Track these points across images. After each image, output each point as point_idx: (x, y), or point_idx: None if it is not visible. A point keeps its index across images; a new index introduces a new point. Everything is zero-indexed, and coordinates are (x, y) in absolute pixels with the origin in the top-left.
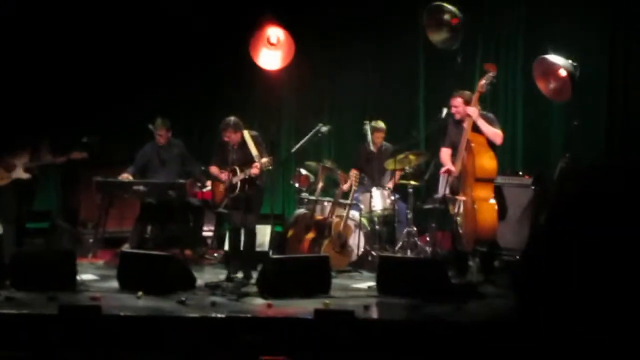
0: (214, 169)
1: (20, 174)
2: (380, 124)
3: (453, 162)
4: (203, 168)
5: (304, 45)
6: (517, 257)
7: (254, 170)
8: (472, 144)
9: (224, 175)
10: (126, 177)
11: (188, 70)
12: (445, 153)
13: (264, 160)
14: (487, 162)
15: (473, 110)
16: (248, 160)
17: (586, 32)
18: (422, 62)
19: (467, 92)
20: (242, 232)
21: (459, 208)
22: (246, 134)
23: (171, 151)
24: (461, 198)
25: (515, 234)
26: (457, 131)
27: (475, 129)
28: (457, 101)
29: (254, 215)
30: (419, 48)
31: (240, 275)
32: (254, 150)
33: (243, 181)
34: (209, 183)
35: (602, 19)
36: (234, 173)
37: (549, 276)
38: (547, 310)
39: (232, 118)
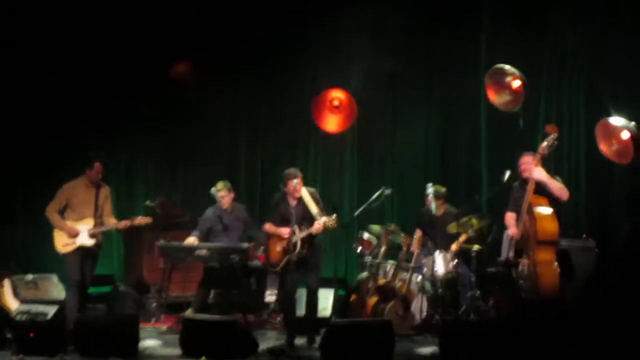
0: (269, 227)
1: (84, 240)
2: (441, 189)
3: (517, 226)
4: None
5: (366, 107)
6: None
7: (317, 227)
8: (534, 207)
9: (285, 231)
10: (193, 241)
11: (247, 134)
12: (510, 218)
13: (329, 219)
14: (549, 225)
15: (539, 172)
16: (306, 218)
17: None
18: (484, 125)
19: (534, 153)
20: (305, 294)
21: (522, 271)
22: (304, 191)
23: (234, 215)
24: (524, 261)
25: (578, 295)
26: (521, 194)
27: (538, 191)
28: (527, 159)
29: (317, 276)
30: (480, 110)
31: (301, 340)
32: (313, 208)
33: (303, 240)
34: None
35: None
36: (293, 232)
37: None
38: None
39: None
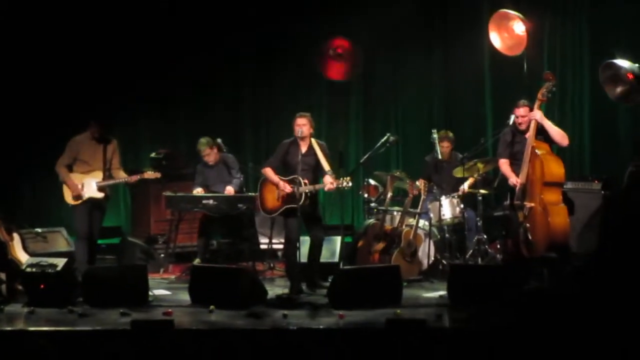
0: (270, 172)
1: (93, 192)
2: (449, 133)
3: (514, 172)
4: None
5: (370, 54)
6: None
7: (329, 187)
8: (538, 150)
9: (285, 186)
10: (200, 191)
11: (251, 83)
12: (505, 164)
13: (344, 180)
14: (555, 166)
15: (539, 113)
16: (311, 170)
17: None
18: (488, 69)
19: (528, 103)
20: (308, 243)
21: (527, 215)
22: (314, 142)
23: (223, 164)
24: (530, 205)
25: (583, 239)
26: (518, 141)
27: (538, 136)
28: (525, 110)
29: (321, 229)
30: (484, 55)
31: (304, 286)
32: (326, 164)
33: (308, 193)
34: None
35: None
36: (299, 183)
37: (620, 277)
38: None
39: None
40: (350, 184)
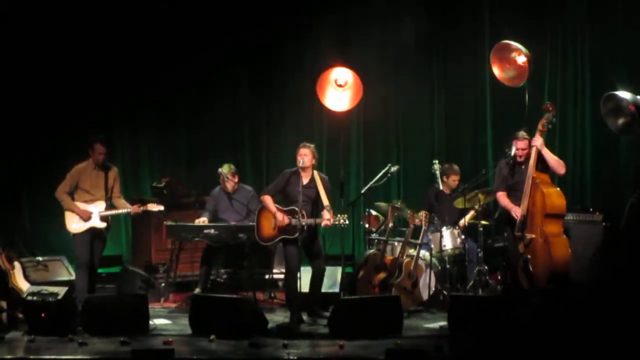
0: (268, 200)
1: (96, 222)
2: (454, 166)
3: (514, 203)
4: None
5: (371, 85)
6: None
7: (326, 223)
8: (538, 182)
9: (280, 217)
10: (202, 221)
11: (251, 112)
12: (503, 196)
13: (341, 217)
14: (557, 198)
15: (539, 140)
16: (311, 202)
17: None
18: (489, 100)
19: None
20: (310, 273)
21: (528, 246)
22: (316, 174)
23: (238, 196)
24: (530, 236)
25: (583, 271)
26: (516, 172)
27: (538, 167)
28: (525, 143)
29: (322, 261)
30: (486, 86)
31: (305, 316)
32: (325, 199)
33: (308, 226)
34: None
35: None
36: (297, 215)
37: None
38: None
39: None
40: (347, 221)
